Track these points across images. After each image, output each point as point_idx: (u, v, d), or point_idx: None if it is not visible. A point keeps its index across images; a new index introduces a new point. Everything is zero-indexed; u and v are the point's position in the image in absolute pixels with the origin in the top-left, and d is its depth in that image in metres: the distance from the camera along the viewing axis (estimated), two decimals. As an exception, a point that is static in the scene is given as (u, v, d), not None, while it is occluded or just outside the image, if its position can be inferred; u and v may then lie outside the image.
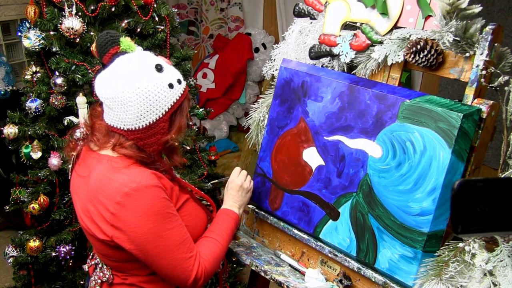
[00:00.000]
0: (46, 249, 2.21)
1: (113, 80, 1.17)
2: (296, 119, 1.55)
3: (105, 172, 1.20)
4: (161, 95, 1.18)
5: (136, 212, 1.16)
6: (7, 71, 3.46)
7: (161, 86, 1.18)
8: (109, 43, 1.21)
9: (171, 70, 1.23)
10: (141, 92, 1.15)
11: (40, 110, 2.12)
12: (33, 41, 2.05)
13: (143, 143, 1.21)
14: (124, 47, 1.21)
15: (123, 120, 1.18)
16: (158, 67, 1.19)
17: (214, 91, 4.12)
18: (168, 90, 1.19)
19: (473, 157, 1.24)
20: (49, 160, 2.14)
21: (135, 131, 1.19)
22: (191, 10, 4.45)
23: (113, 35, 1.21)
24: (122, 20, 2.15)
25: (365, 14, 1.47)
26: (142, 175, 1.19)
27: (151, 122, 1.18)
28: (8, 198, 2.22)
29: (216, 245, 1.33)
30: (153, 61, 1.20)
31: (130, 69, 1.17)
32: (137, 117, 1.17)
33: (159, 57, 1.24)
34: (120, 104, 1.16)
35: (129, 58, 1.20)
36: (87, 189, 1.23)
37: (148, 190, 1.17)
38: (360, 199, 1.36)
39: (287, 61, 1.60)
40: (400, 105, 1.29)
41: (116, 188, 1.16)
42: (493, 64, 1.23)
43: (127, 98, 1.15)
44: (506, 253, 1.13)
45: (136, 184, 1.16)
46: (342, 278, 1.41)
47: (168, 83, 1.19)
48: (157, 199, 1.18)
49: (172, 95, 1.20)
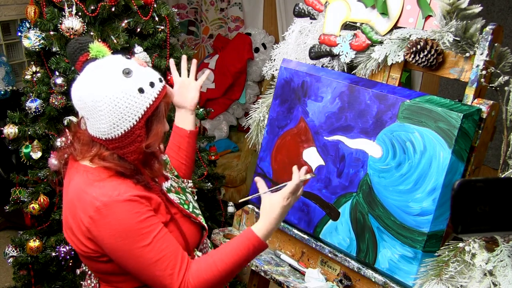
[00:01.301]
0: (46, 249, 2.21)
1: (83, 89, 1.11)
2: (296, 119, 1.55)
3: (81, 184, 1.15)
4: (131, 101, 1.10)
5: (107, 228, 1.10)
6: (7, 71, 3.45)
7: (130, 92, 1.10)
8: (77, 50, 1.15)
9: (143, 73, 1.14)
10: (109, 100, 1.09)
11: (40, 110, 2.12)
12: (33, 41, 2.05)
13: (123, 152, 1.15)
14: (94, 53, 1.14)
15: (99, 130, 1.12)
16: (126, 71, 1.11)
17: (214, 91, 4.12)
18: (138, 95, 1.11)
19: (473, 157, 1.24)
20: (49, 160, 2.14)
21: (113, 140, 1.13)
22: (191, 10, 4.45)
23: (82, 42, 1.15)
24: (122, 20, 2.15)
25: (365, 14, 1.47)
26: (116, 188, 1.12)
27: (126, 130, 1.12)
28: (8, 198, 2.21)
29: (213, 269, 1.17)
30: (121, 66, 1.12)
31: (97, 76, 1.11)
32: (111, 126, 1.11)
33: (131, 60, 1.16)
34: (92, 114, 1.11)
35: (97, 64, 1.13)
36: (66, 200, 1.19)
37: (120, 205, 1.10)
38: (360, 199, 1.36)
39: (287, 61, 1.60)
40: (400, 105, 1.29)
41: (89, 202, 1.11)
42: (493, 64, 1.23)
43: (98, 107, 1.09)
44: (506, 253, 1.12)
45: (107, 198, 1.10)
46: (342, 278, 1.41)
47: (137, 88, 1.11)
48: (130, 215, 1.10)
49: (144, 100, 1.12)
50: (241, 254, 1.19)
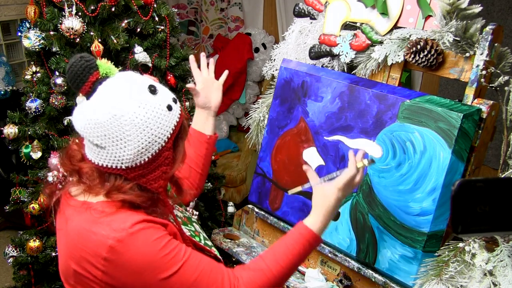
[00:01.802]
0: (46, 249, 2.21)
1: (104, 113, 0.96)
2: (296, 119, 1.55)
3: (83, 224, 1.00)
4: (162, 120, 0.99)
5: (127, 266, 0.97)
6: (7, 71, 3.45)
7: (159, 110, 0.99)
8: (86, 69, 0.99)
9: (164, 89, 1.04)
10: (140, 122, 0.96)
11: (40, 110, 2.12)
12: (33, 41, 2.05)
13: (145, 179, 1.01)
14: (103, 71, 1.00)
15: (121, 158, 0.98)
16: (152, 88, 1.00)
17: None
18: (167, 113, 1.00)
19: (473, 157, 1.24)
20: (49, 160, 2.14)
21: (135, 167, 0.99)
22: (191, 10, 4.45)
23: (88, 59, 0.99)
24: (122, 20, 2.15)
25: (365, 14, 1.47)
26: (126, 219, 0.98)
27: (153, 153, 0.99)
28: (8, 198, 2.21)
29: (267, 274, 1.06)
30: (145, 83, 1.01)
31: (122, 96, 0.97)
32: (138, 151, 0.98)
33: (145, 76, 1.06)
34: (115, 141, 0.97)
35: (115, 84, 0.99)
36: (66, 245, 1.03)
37: (137, 236, 0.97)
38: (360, 199, 1.36)
39: (287, 61, 1.60)
40: (400, 105, 1.29)
41: (99, 242, 0.96)
42: (493, 64, 1.23)
43: (124, 132, 0.96)
44: (506, 253, 1.12)
45: (120, 233, 0.96)
46: (342, 278, 1.41)
47: (166, 105, 1.01)
48: (150, 244, 0.98)
49: (172, 118, 1.01)
50: (296, 252, 1.08)
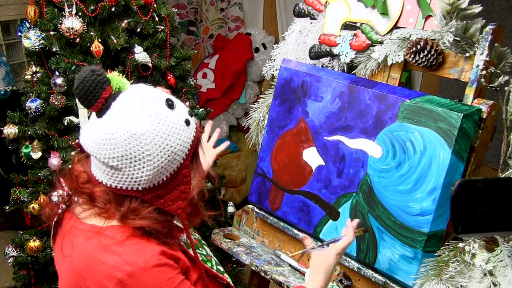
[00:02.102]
0: (46, 249, 2.21)
1: (120, 133, 0.87)
2: (296, 119, 1.55)
3: (91, 251, 0.92)
4: (181, 136, 0.91)
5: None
6: (7, 71, 3.45)
7: (179, 126, 0.91)
8: (99, 85, 0.88)
9: (179, 102, 0.96)
10: (160, 140, 0.88)
11: (40, 110, 2.12)
12: (33, 41, 2.05)
13: (163, 200, 0.93)
14: (116, 86, 0.91)
15: (138, 180, 0.90)
16: (170, 103, 0.92)
17: (214, 91, 4.12)
18: (186, 128, 0.93)
19: (473, 157, 1.24)
20: (49, 160, 2.14)
21: (153, 188, 0.92)
22: (191, 10, 4.45)
23: (99, 73, 0.89)
24: (122, 20, 2.15)
25: (365, 14, 1.47)
26: (140, 252, 0.90)
27: (172, 172, 0.92)
28: (8, 198, 2.22)
29: None
30: (161, 97, 0.93)
31: (139, 114, 0.88)
32: (157, 171, 0.90)
33: (159, 89, 0.97)
34: (133, 162, 0.88)
35: (130, 99, 0.90)
36: (71, 273, 0.95)
37: (149, 272, 0.89)
38: (360, 199, 1.36)
39: (287, 61, 1.60)
40: (400, 105, 1.29)
41: (107, 273, 0.89)
42: (493, 64, 1.23)
43: (144, 152, 0.88)
44: (506, 253, 1.12)
45: (132, 266, 0.88)
46: (342, 278, 1.41)
47: (184, 119, 0.93)
48: (161, 283, 0.91)
49: (190, 133, 0.94)
50: None
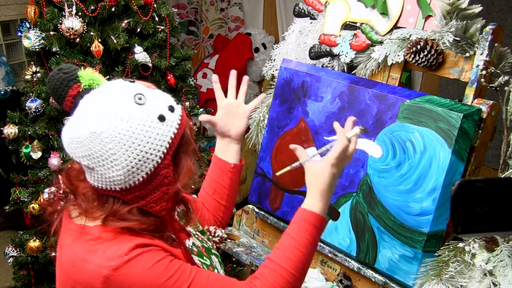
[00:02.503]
0: (46, 249, 2.22)
1: (84, 130, 0.85)
2: (296, 119, 1.55)
3: (77, 251, 0.91)
4: (152, 134, 0.87)
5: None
6: (7, 71, 3.46)
7: (148, 122, 0.87)
8: (64, 82, 0.89)
9: (157, 96, 0.91)
10: (123, 138, 0.85)
11: (40, 110, 2.12)
12: (33, 41, 2.05)
13: (145, 202, 0.90)
14: (86, 83, 0.89)
15: (112, 180, 0.87)
16: (138, 97, 0.88)
17: (214, 91, 4.12)
18: (159, 125, 0.88)
19: (473, 157, 1.24)
20: (49, 160, 2.14)
21: (131, 189, 0.89)
22: (191, 10, 4.45)
23: (67, 71, 0.89)
24: (122, 20, 2.15)
25: (365, 14, 1.47)
26: (123, 246, 0.88)
27: (148, 172, 0.88)
28: (8, 198, 2.22)
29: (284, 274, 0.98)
30: (130, 91, 0.88)
31: (102, 110, 0.86)
32: (128, 171, 0.86)
33: (137, 83, 0.92)
34: (101, 161, 0.86)
35: (96, 96, 0.88)
36: (60, 276, 0.94)
37: (135, 263, 0.88)
38: (360, 199, 1.36)
39: (287, 61, 1.60)
40: (400, 105, 1.29)
41: (93, 272, 0.87)
42: (493, 64, 1.23)
43: (108, 151, 0.85)
44: (506, 253, 1.12)
45: (116, 261, 0.87)
46: (342, 278, 1.41)
47: (157, 115, 0.88)
48: (151, 269, 0.89)
49: (167, 130, 0.89)
50: (305, 241, 1.01)
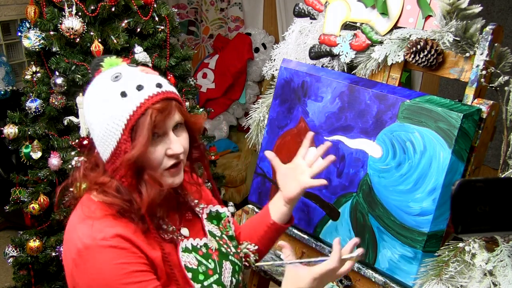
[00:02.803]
0: (46, 249, 2.21)
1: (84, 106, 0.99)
2: (296, 119, 1.55)
3: (74, 219, 0.99)
4: (114, 108, 0.92)
5: (85, 277, 0.92)
6: (7, 71, 3.46)
7: (112, 97, 0.93)
8: (95, 68, 1.02)
9: (134, 77, 0.95)
10: (95, 110, 0.94)
11: (40, 110, 2.12)
12: (33, 41, 2.05)
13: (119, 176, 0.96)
14: (106, 67, 1.00)
15: (100, 151, 0.98)
16: (115, 76, 0.95)
17: (214, 91, 4.12)
18: (120, 100, 0.92)
19: (473, 157, 1.24)
20: (49, 160, 2.14)
21: (108, 161, 0.97)
22: (191, 10, 4.45)
23: (98, 59, 1.01)
24: (122, 20, 2.15)
25: (365, 14, 1.47)
26: (103, 230, 0.92)
27: (114, 146, 0.94)
28: (8, 198, 2.22)
29: None
30: (114, 72, 0.97)
31: (90, 88, 0.98)
32: (102, 142, 0.95)
33: (133, 67, 1.00)
34: (92, 132, 0.97)
35: (97, 76, 1.00)
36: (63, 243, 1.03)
37: (103, 251, 0.90)
38: (360, 199, 1.36)
39: (287, 61, 1.60)
40: (400, 105, 1.29)
41: (74, 242, 0.94)
42: (493, 64, 1.23)
43: (91, 122, 0.96)
44: (506, 253, 1.12)
45: (90, 240, 0.91)
46: (342, 278, 1.41)
47: (120, 91, 0.92)
48: (112, 265, 0.90)
49: (127, 106, 0.92)
50: None
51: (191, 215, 1.13)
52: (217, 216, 1.17)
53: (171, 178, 0.99)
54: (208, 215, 1.16)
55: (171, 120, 0.96)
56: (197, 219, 1.13)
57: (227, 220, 1.18)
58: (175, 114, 0.97)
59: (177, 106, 0.98)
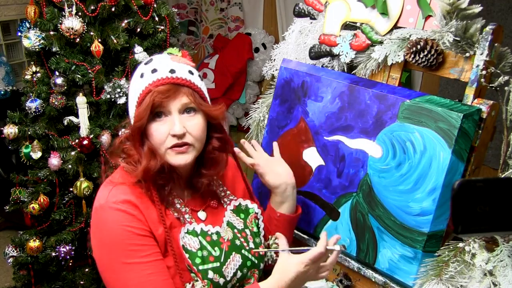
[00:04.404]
0: (46, 249, 2.22)
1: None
2: (296, 119, 1.55)
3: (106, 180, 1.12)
4: (134, 85, 1.08)
5: (96, 233, 1.04)
6: (7, 71, 3.46)
7: (136, 76, 1.09)
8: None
9: (159, 62, 1.07)
10: (130, 83, 1.12)
11: (40, 110, 2.13)
12: (33, 41, 2.05)
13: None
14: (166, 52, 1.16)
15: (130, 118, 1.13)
16: (148, 60, 1.10)
17: (214, 91, 4.12)
18: (139, 80, 1.07)
19: (473, 157, 1.24)
20: (49, 160, 2.14)
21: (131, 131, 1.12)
22: (191, 10, 4.45)
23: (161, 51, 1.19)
24: (122, 20, 2.15)
25: (365, 14, 1.47)
26: (117, 194, 1.04)
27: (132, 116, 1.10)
28: (8, 198, 2.22)
29: None
30: (152, 57, 1.12)
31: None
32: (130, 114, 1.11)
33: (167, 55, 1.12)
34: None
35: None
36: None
37: (112, 213, 1.01)
38: (360, 199, 1.36)
39: (287, 61, 1.60)
40: (400, 105, 1.29)
41: (97, 200, 1.06)
42: (493, 64, 1.23)
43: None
44: (506, 253, 1.12)
45: (104, 201, 1.03)
46: (342, 278, 1.41)
47: (141, 72, 1.07)
48: (119, 226, 1.01)
49: (142, 85, 1.06)
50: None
51: (217, 203, 1.21)
52: (246, 211, 1.23)
53: (173, 157, 1.06)
54: (237, 207, 1.23)
55: (175, 102, 1.05)
56: (223, 209, 1.21)
57: (254, 216, 1.24)
58: (182, 98, 1.05)
59: (187, 92, 1.06)
